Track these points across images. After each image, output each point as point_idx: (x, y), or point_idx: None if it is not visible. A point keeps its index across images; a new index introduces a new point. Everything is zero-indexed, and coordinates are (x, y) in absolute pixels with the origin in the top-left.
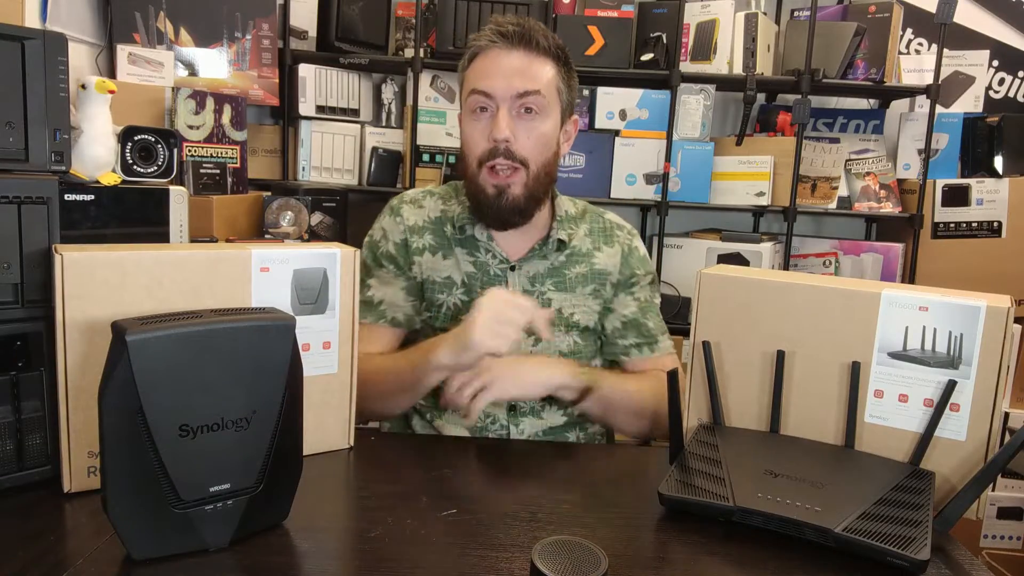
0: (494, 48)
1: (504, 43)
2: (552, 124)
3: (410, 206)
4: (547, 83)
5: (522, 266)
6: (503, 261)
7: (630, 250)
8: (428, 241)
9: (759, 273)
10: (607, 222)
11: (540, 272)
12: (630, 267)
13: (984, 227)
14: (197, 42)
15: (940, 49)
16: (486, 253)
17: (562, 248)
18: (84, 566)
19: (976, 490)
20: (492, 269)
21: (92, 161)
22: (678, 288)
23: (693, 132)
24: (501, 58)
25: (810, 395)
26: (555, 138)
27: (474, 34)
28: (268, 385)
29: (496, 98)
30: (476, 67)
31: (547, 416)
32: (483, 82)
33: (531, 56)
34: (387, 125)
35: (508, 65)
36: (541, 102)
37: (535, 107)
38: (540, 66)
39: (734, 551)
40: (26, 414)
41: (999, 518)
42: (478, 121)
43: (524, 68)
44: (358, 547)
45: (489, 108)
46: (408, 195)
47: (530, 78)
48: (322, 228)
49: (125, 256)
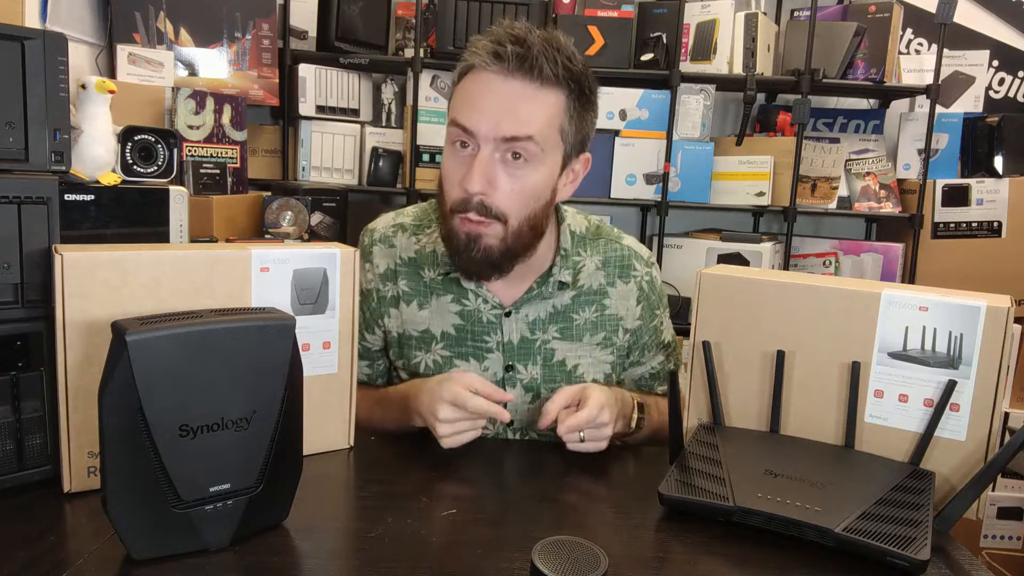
0: (487, 72)
1: (499, 67)
2: (545, 172)
3: (380, 246)
4: (544, 125)
5: (519, 310)
6: (496, 307)
7: (651, 288)
8: (403, 288)
9: (759, 273)
10: (625, 251)
11: (541, 317)
12: (652, 309)
13: (984, 227)
14: (197, 42)
15: (940, 49)
16: (476, 299)
17: (565, 288)
18: (84, 566)
19: (976, 490)
20: (484, 316)
21: (92, 161)
22: (678, 288)
23: (693, 132)
24: (493, 87)
25: (810, 395)
26: (548, 187)
27: (473, 38)
28: (268, 385)
29: (478, 137)
30: (464, 90)
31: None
32: (465, 115)
33: (532, 88)
34: (387, 125)
35: (499, 98)
36: (532, 150)
37: (524, 154)
38: (541, 101)
39: (734, 551)
40: (26, 414)
41: (999, 518)
42: (455, 157)
43: (517, 105)
44: (358, 547)
45: (470, 145)
46: (378, 231)
47: (522, 120)
48: (322, 228)
49: (125, 256)
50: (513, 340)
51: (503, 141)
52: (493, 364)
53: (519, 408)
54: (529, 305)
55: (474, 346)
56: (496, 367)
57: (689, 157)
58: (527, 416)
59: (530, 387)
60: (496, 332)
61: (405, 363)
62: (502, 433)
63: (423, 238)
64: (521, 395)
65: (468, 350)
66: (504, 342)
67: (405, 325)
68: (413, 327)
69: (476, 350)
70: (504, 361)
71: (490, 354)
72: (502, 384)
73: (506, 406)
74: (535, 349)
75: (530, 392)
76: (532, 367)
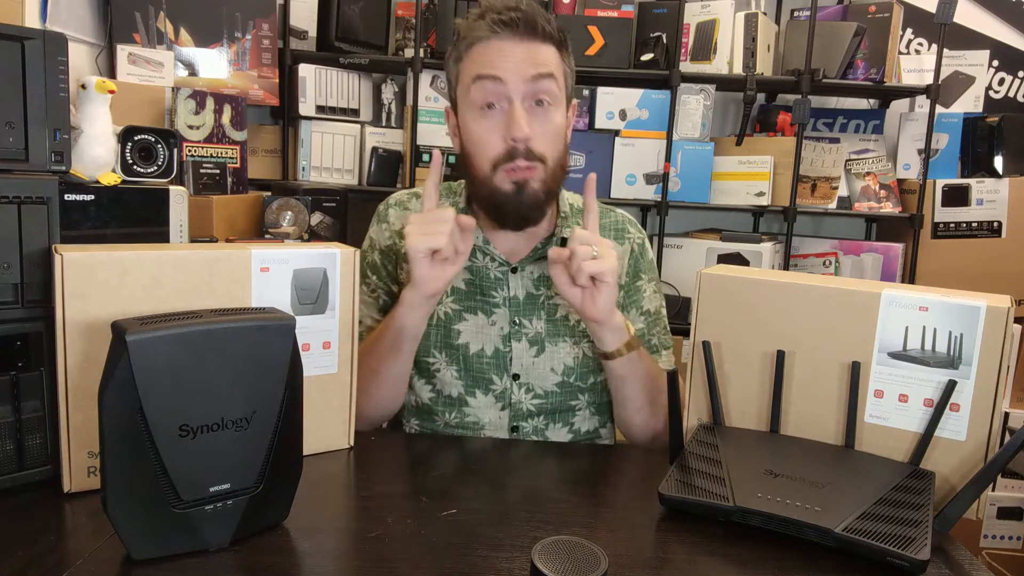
0: (496, 39)
1: (508, 32)
2: (562, 114)
3: (396, 209)
4: (556, 68)
5: (524, 267)
6: (503, 264)
7: (641, 252)
8: None
9: (759, 273)
10: (619, 217)
11: (545, 274)
12: (638, 271)
13: (984, 227)
14: (197, 42)
15: (940, 49)
16: (483, 257)
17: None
18: (84, 566)
19: (976, 490)
20: (491, 272)
21: (92, 161)
22: (678, 288)
23: (693, 132)
24: (506, 46)
25: (810, 395)
26: (565, 128)
27: (461, 21)
28: (268, 385)
29: (508, 85)
30: (476, 55)
31: (551, 434)
32: (489, 68)
33: (536, 42)
34: (387, 125)
35: (515, 52)
36: (553, 90)
37: (547, 97)
38: (547, 51)
39: (734, 551)
40: (26, 414)
41: (999, 518)
42: (486, 119)
43: (533, 53)
44: (358, 547)
45: (498, 105)
46: (394, 198)
47: (542, 62)
48: (322, 228)
49: (125, 256)
50: (519, 296)
51: (532, 81)
52: (500, 319)
53: (524, 363)
54: (534, 264)
55: (482, 300)
56: (503, 321)
57: (689, 157)
58: (533, 369)
59: (535, 341)
60: (503, 288)
61: None
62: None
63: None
64: (527, 348)
65: (476, 304)
66: (510, 297)
67: None
68: None
69: (484, 304)
70: (511, 316)
71: (497, 309)
72: (508, 338)
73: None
74: (539, 304)
75: (535, 346)
76: (537, 321)
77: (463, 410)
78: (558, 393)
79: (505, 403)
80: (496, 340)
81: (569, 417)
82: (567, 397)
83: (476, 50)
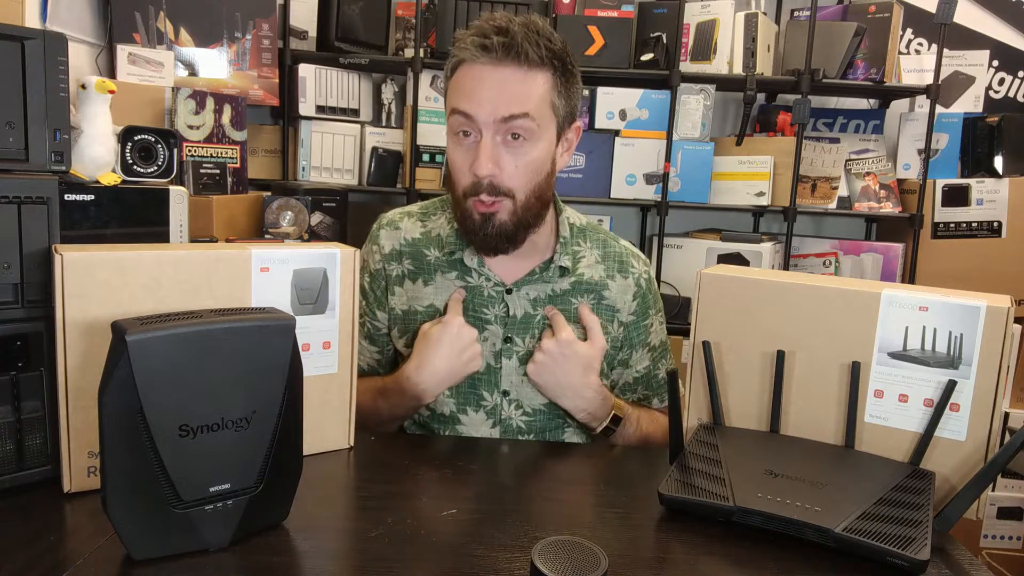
0: (477, 64)
1: (488, 58)
2: (544, 146)
3: (387, 229)
4: (538, 101)
5: (520, 288)
6: (498, 284)
7: (648, 287)
8: (407, 267)
9: (759, 273)
10: (622, 249)
11: (541, 296)
12: (646, 308)
13: (984, 227)
14: (197, 42)
15: (940, 49)
16: (479, 277)
17: (565, 274)
18: (84, 566)
19: (976, 490)
20: (487, 291)
21: (92, 161)
22: (678, 288)
23: (693, 132)
24: (485, 75)
25: (810, 395)
26: (548, 159)
27: (458, 33)
28: (268, 385)
29: (479, 122)
30: (458, 81)
31: None
32: (464, 102)
33: (521, 72)
34: (387, 125)
35: (492, 84)
36: (529, 126)
37: (523, 133)
38: (531, 82)
39: (734, 551)
40: (26, 414)
41: (999, 518)
42: (460, 146)
43: (511, 87)
44: (358, 547)
45: (472, 133)
46: (386, 218)
47: (517, 99)
48: (322, 228)
49: (125, 256)
50: (516, 314)
51: (502, 122)
52: (492, 335)
53: (514, 380)
54: (530, 285)
55: (475, 317)
56: (494, 338)
57: (689, 157)
58: (522, 387)
59: (525, 359)
60: (497, 306)
61: (409, 339)
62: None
63: (428, 223)
64: (516, 367)
65: (469, 319)
66: (504, 316)
67: (411, 301)
68: (418, 303)
69: (476, 320)
70: (503, 334)
71: (489, 325)
72: (499, 355)
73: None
74: (534, 324)
75: (524, 365)
76: (530, 340)
77: (456, 428)
78: (546, 412)
79: (496, 419)
80: (488, 356)
81: (559, 435)
82: (556, 415)
83: (459, 73)
